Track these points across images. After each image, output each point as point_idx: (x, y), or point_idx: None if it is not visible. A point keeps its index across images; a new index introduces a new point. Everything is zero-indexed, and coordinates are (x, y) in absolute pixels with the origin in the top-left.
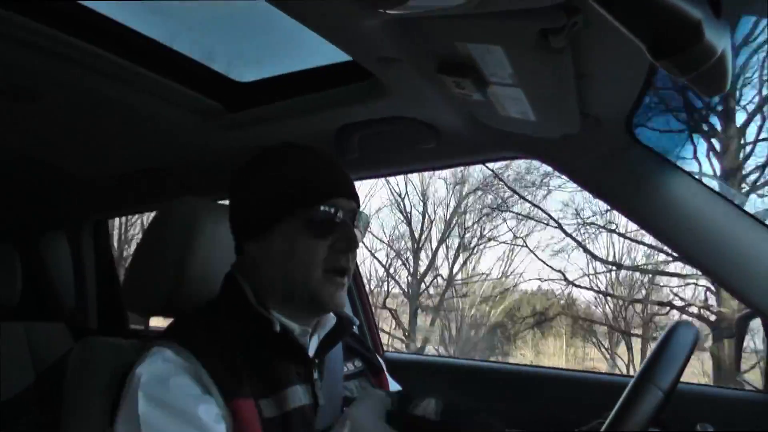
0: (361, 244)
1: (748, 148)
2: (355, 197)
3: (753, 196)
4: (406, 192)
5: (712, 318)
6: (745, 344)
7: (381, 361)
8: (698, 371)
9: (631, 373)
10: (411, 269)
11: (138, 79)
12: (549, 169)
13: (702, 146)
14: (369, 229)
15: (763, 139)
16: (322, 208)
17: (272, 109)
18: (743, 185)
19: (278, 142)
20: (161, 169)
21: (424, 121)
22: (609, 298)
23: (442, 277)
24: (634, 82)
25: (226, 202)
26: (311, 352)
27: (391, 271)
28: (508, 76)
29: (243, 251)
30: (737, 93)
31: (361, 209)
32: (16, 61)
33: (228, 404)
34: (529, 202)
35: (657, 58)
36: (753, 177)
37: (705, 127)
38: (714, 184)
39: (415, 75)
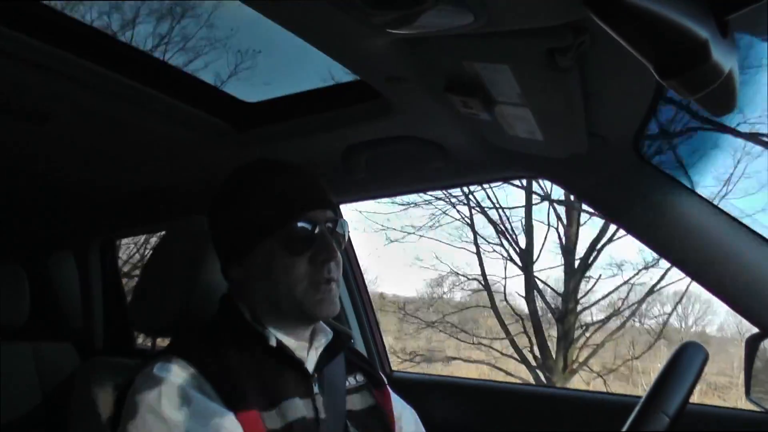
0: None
1: None
2: (331, 206)
3: None
4: None
5: None
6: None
7: (382, 375)
8: None
9: None
10: None
11: (146, 99)
12: None
13: None
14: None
15: None
16: (297, 225)
17: (280, 128)
18: None
19: None
20: (169, 188)
21: (431, 141)
22: None
23: None
24: (642, 101)
25: None
26: (310, 367)
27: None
28: (516, 95)
29: (229, 275)
30: None
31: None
32: (26, 83)
33: (235, 416)
34: None
35: (664, 78)
36: None
37: None
38: None
39: (422, 94)
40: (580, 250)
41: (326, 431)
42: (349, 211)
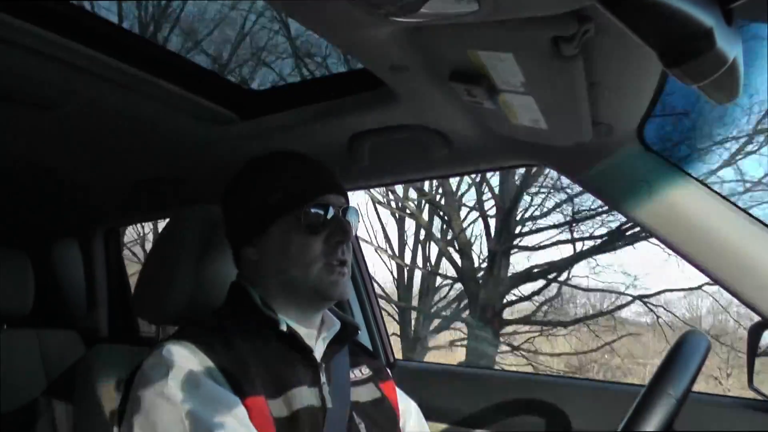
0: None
1: None
2: (343, 193)
3: None
4: None
5: None
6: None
7: (388, 370)
8: None
9: None
10: None
11: (151, 88)
12: None
13: None
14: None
15: None
16: (313, 205)
17: (284, 117)
18: None
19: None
20: (173, 177)
21: (435, 129)
22: None
23: None
24: (646, 90)
25: None
26: (318, 356)
27: None
28: (520, 84)
29: (241, 257)
30: None
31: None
32: (30, 71)
33: (242, 402)
34: None
35: (669, 66)
36: None
37: None
38: None
39: (426, 83)
40: None
41: (332, 420)
42: None
